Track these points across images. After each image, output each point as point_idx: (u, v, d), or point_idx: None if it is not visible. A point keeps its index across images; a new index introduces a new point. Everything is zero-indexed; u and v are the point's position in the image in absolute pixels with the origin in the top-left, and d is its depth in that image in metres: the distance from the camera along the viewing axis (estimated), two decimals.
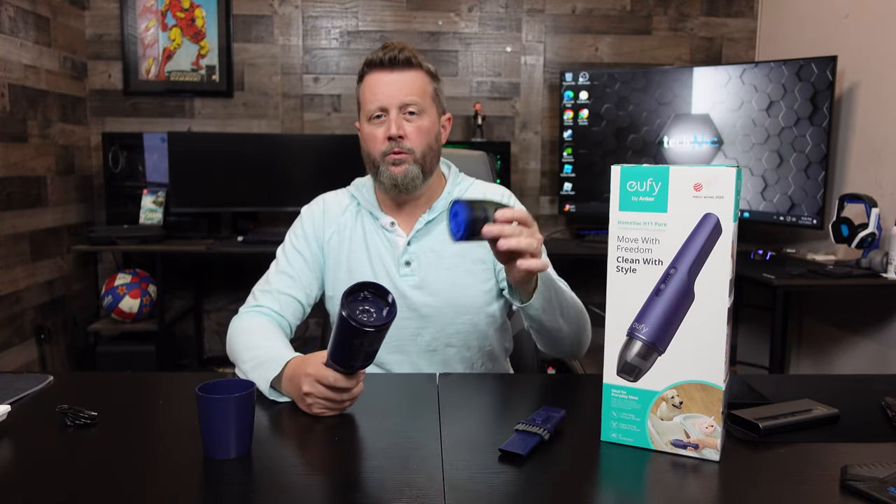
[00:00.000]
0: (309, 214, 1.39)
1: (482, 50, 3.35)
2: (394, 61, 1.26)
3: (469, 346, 1.33)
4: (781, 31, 3.20)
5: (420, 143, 1.27)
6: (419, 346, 1.31)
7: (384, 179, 1.28)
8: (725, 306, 0.82)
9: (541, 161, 3.43)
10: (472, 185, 1.40)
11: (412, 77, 1.27)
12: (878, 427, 0.97)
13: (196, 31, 3.25)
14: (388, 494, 0.77)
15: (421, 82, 1.28)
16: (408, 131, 1.26)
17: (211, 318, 3.45)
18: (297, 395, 1.01)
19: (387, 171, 1.27)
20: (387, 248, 1.33)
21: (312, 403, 0.99)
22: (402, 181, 1.27)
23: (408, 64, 1.27)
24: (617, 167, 0.86)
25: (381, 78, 1.27)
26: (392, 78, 1.26)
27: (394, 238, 1.33)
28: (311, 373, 0.97)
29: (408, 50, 1.27)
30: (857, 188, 2.59)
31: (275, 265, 1.36)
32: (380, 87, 1.26)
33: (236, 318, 1.27)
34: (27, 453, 0.87)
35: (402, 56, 1.26)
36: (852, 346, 2.66)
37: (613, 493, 0.80)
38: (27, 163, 2.75)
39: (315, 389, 0.97)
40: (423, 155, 1.28)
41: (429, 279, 1.30)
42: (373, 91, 1.27)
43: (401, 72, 1.26)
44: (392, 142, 1.26)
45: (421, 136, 1.27)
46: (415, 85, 1.27)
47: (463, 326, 1.31)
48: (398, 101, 1.26)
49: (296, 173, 3.11)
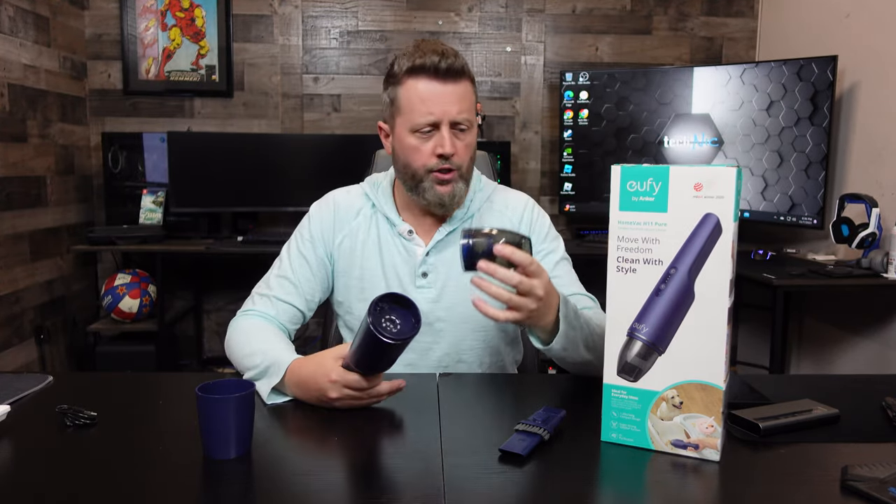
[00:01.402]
0: (318, 215, 1.32)
1: (482, 50, 3.35)
2: (450, 71, 1.16)
3: (481, 363, 1.29)
4: (782, 30, 3.20)
5: (466, 159, 1.21)
6: (430, 361, 1.27)
7: (429, 197, 1.21)
8: (725, 306, 0.82)
9: (541, 161, 3.43)
10: (494, 193, 1.34)
11: (464, 90, 1.18)
12: (879, 427, 0.96)
13: (196, 31, 3.25)
14: (388, 494, 0.77)
15: (471, 95, 1.21)
16: (458, 148, 1.19)
17: (211, 318, 3.45)
18: (317, 398, 1.01)
19: (433, 190, 1.20)
20: (403, 257, 1.27)
21: (341, 406, 1.00)
22: (450, 201, 1.22)
23: (461, 74, 1.17)
24: (617, 167, 0.86)
25: (434, 88, 1.16)
26: (447, 90, 1.16)
27: (412, 247, 1.27)
28: (336, 379, 0.98)
29: (461, 57, 1.18)
30: (858, 188, 2.59)
31: (277, 266, 1.30)
32: (433, 100, 1.16)
33: (233, 322, 1.24)
34: (27, 453, 0.87)
35: (458, 65, 1.17)
36: (852, 346, 2.66)
37: (613, 494, 0.80)
38: (27, 163, 2.75)
39: (342, 394, 0.98)
40: (468, 170, 1.23)
41: (445, 293, 1.25)
42: (424, 102, 1.16)
43: (454, 83, 1.17)
44: (441, 158, 1.18)
45: (468, 152, 1.21)
46: (466, 99, 1.19)
47: (476, 343, 1.27)
48: (451, 116, 1.17)
49: (296, 173, 3.11)
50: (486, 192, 1.33)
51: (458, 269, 1.26)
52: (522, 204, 1.34)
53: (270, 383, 1.04)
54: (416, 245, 1.27)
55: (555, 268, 1.29)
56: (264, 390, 1.04)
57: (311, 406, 1.03)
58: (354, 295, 1.29)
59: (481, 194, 1.32)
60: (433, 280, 1.26)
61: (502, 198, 1.34)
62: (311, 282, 1.29)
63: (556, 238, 1.34)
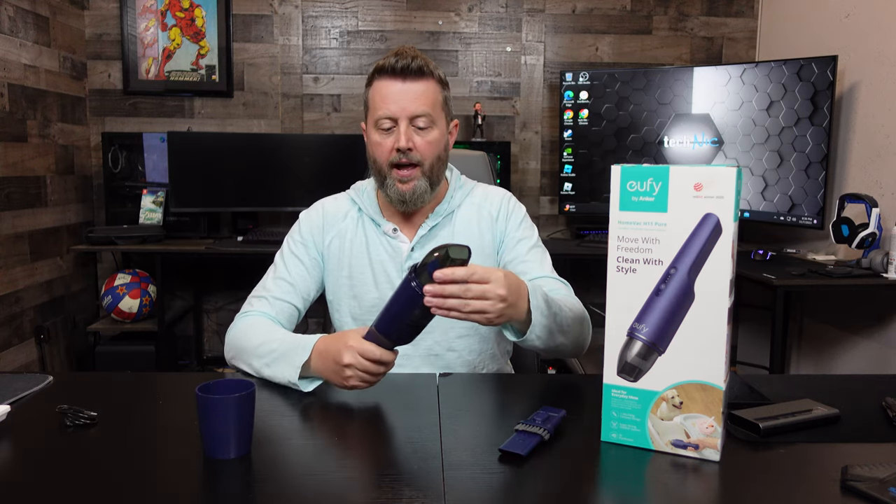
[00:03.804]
0: (307, 220, 1.38)
1: (482, 50, 3.35)
2: (406, 70, 1.22)
3: (471, 350, 1.33)
4: (782, 30, 3.20)
5: (429, 156, 1.26)
6: (421, 350, 1.31)
7: (391, 193, 1.27)
8: (725, 306, 0.82)
9: (541, 161, 3.43)
10: (474, 189, 1.39)
11: (424, 87, 1.24)
12: (879, 427, 0.96)
13: (196, 31, 3.25)
14: (388, 494, 0.76)
15: (432, 92, 1.25)
16: (417, 144, 1.24)
17: (211, 318, 3.45)
18: (332, 368, 1.03)
19: (394, 186, 1.26)
20: (389, 254, 1.32)
21: (351, 375, 1.01)
22: (411, 198, 1.27)
23: (420, 73, 1.23)
24: (617, 167, 0.86)
25: (391, 86, 1.23)
26: (403, 87, 1.23)
27: (397, 244, 1.32)
28: (352, 345, 1.00)
29: (420, 58, 1.24)
30: (858, 188, 2.59)
31: (272, 271, 1.35)
32: (390, 96, 1.23)
33: (234, 324, 1.27)
34: (27, 453, 0.87)
35: (415, 65, 1.23)
36: (852, 346, 2.66)
37: (613, 494, 0.80)
38: (27, 163, 2.75)
39: (356, 361, 1.00)
40: (432, 167, 1.27)
41: None
42: (383, 99, 1.24)
43: (413, 81, 1.23)
44: (400, 153, 1.24)
45: (430, 149, 1.26)
46: (426, 96, 1.24)
47: (465, 331, 1.31)
48: (409, 112, 1.23)
49: (296, 173, 3.11)
50: (466, 188, 1.39)
51: None
52: (500, 196, 1.39)
53: (296, 362, 1.06)
54: (401, 242, 1.33)
55: (528, 253, 1.34)
56: (289, 369, 1.06)
57: (311, 406, 1.03)
58: (344, 292, 1.35)
59: (461, 191, 1.37)
60: None
61: (482, 192, 1.40)
62: (306, 280, 1.34)
63: (531, 227, 1.39)
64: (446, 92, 1.30)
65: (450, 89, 1.32)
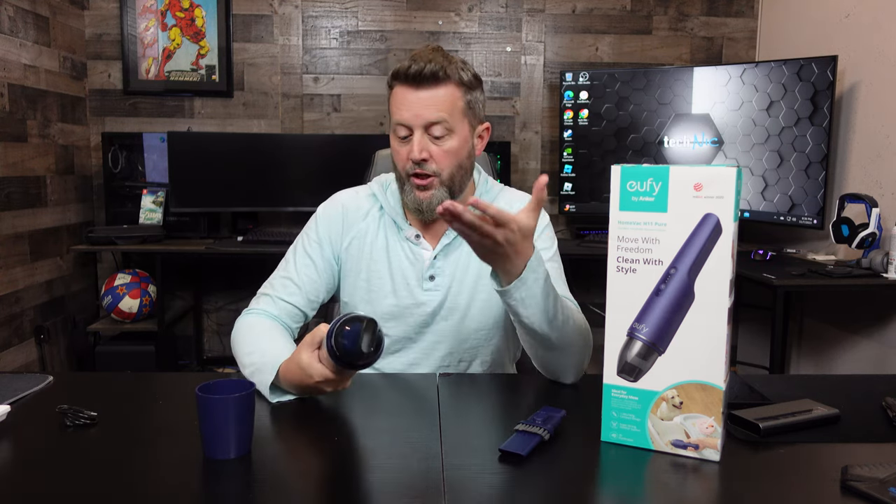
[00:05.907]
0: (326, 218, 1.32)
1: (482, 50, 3.35)
2: (419, 76, 1.16)
3: (483, 362, 1.31)
4: (782, 30, 3.20)
5: (448, 165, 1.20)
6: (432, 360, 1.28)
7: (409, 201, 1.23)
8: (725, 306, 0.82)
9: (541, 161, 3.43)
10: (500, 193, 1.35)
11: (441, 94, 1.17)
12: (879, 427, 0.96)
13: (196, 31, 3.25)
14: (388, 494, 0.76)
15: (450, 98, 1.18)
16: (433, 153, 1.18)
17: (210, 318, 3.45)
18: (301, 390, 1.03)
19: (412, 195, 1.21)
20: (410, 260, 1.27)
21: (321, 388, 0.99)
22: (427, 207, 1.21)
23: (434, 79, 1.16)
24: (617, 167, 0.86)
25: (406, 93, 1.18)
26: (417, 96, 1.17)
27: (419, 251, 1.28)
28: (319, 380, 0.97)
29: (436, 62, 1.16)
30: (858, 188, 2.59)
31: (283, 267, 1.31)
32: (405, 104, 1.17)
33: (238, 321, 1.26)
34: (27, 453, 0.87)
35: (429, 70, 1.15)
36: (852, 346, 2.66)
37: (613, 494, 0.80)
38: (27, 163, 2.75)
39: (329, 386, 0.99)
40: (452, 176, 1.21)
41: (451, 294, 1.26)
42: (398, 106, 1.19)
43: (428, 89, 1.16)
44: (415, 163, 1.19)
45: (448, 158, 1.19)
46: (443, 103, 1.17)
47: (478, 342, 1.28)
48: (423, 120, 1.17)
49: (295, 173, 3.11)
50: (492, 192, 1.34)
51: (463, 270, 1.27)
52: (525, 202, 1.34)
53: (265, 381, 1.05)
54: (424, 249, 1.28)
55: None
56: (262, 387, 1.05)
57: (310, 406, 1.03)
58: (360, 296, 1.30)
59: (488, 196, 1.33)
60: (440, 283, 1.27)
61: (507, 197, 1.35)
62: (315, 283, 1.30)
63: (551, 239, 1.33)
64: (471, 94, 1.22)
65: (481, 89, 1.25)
